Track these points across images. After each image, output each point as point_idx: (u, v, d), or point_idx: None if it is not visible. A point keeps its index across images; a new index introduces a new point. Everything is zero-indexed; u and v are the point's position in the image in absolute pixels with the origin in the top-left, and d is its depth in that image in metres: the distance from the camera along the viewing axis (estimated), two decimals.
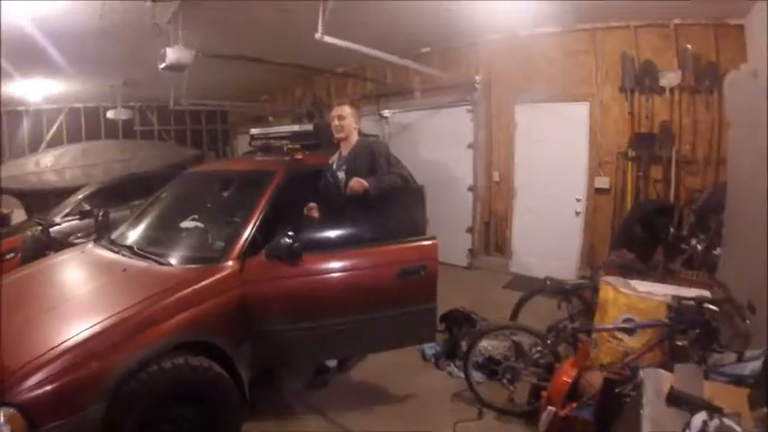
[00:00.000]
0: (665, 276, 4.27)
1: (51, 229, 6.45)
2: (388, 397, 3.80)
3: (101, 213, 4.68)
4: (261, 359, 3.19)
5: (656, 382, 2.05)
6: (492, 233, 7.15)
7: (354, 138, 3.82)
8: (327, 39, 4.44)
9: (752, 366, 2.19)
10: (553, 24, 5.99)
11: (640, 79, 5.52)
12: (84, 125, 11.11)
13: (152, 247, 3.54)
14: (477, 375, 3.73)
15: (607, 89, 5.82)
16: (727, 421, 1.72)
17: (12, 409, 2.19)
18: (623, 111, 5.69)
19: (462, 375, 3.74)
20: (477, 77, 6.90)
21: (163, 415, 2.66)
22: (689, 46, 5.24)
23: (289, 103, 10.22)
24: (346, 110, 3.78)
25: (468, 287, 6.04)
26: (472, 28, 6.11)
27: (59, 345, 2.42)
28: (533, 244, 6.53)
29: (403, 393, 3.80)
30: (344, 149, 3.83)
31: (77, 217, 6.83)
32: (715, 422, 1.72)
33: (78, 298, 3.13)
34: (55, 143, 10.65)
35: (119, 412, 2.45)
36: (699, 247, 4.37)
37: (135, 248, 3.55)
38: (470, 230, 7.29)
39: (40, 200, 9.50)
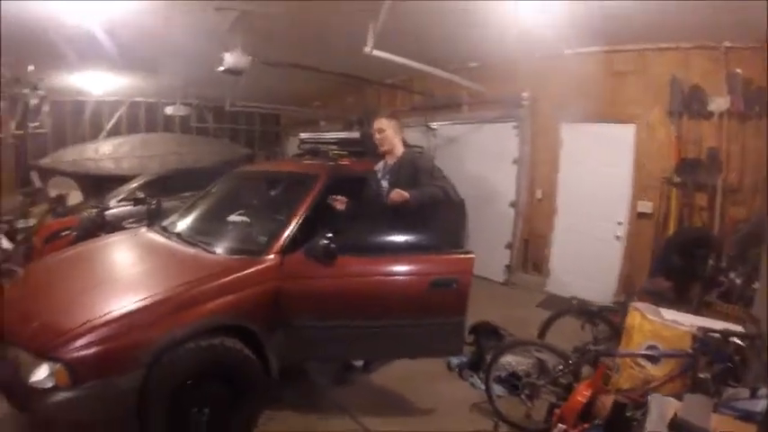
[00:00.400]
0: (700, 308, 4.17)
1: (106, 213, 6.87)
2: (408, 402, 3.89)
3: (154, 202, 5.08)
4: (290, 351, 3.34)
5: (662, 408, 2.10)
6: (531, 250, 7.13)
7: (399, 149, 3.98)
8: (376, 53, 4.64)
9: (763, 404, 2.17)
10: (601, 43, 5.95)
11: (688, 103, 5.40)
12: (143, 118, 11.62)
13: (200, 236, 3.82)
14: (497, 389, 3.77)
15: (654, 112, 5.70)
16: None
17: (58, 365, 2.50)
18: (670, 134, 5.56)
19: (483, 387, 3.77)
20: (524, 94, 6.91)
21: (193, 390, 2.89)
22: (739, 70, 5.09)
23: (340, 110, 10.42)
24: (384, 122, 3.93)
25: (502, 303, 6.03)
26: (520, 45, 6.06)
27: (107, 314, 2.71)
28: (571, 264, 6.46)
29: (423, 400, 3.89)
30: (390, 159, 3.99)
31: (131, 203, 7.14)
32: None
33: (129, 275, 3.48)
34: (114, 134, 11.17)
35: (154, 381, 2.70)
36: (737, 280, 4.26)
37: (184, 236, 3.85)
38: (509, 246, 7.26)
39: (96, 185, 9.99)
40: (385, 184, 3.89)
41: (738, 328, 3.04)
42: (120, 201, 7.49)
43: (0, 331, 2.92)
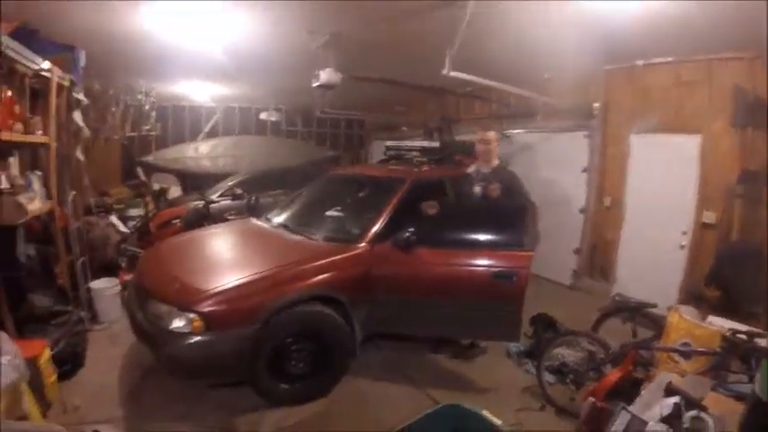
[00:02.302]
0: (748, 318, 4.34)
1: (210, 206, 7.55)
2: (469, 381, 4.46)
3: (253, 197, 5.92)
4: (371, 322, 4.12)
5: (663, 380, 2.50)
6: (598, 256, 7.34)
7: (495, 161, 4.73)
8: (453, 73, 5.13)
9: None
10: (669, 54, 6.05)
11: (753, 114, 5.37)
12: (238, 122, 12.58)
13: (303, 227, 4.71)
14: (548, 377, 4.21)
15: (719, 122, 5.72)
16: (704, 416, 2.16)
17: (195, 315, 3.38)
18: (734, 145, 5.61)
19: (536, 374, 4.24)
20: (596, 105, 7.15)
21: (295, 343, 3.77)
22: None
23: (421, 116, 10.73)
24: (492, 135, 4.81)
25: (567, 305, 6.22)
26: (592, 56, 6.28)
27: (234, 280, 3.60)
28: (637, 271, 6.62)
29: (483, 380, 4.44)
30: (484, 167, 4.76)
31: (229, 198, 8.08)
32: (692, 413, 2.17)
33: (248, 252, 4.46)
34: (212, 136, 12.12)
35: (266, 334, 3.55)
36: None
37: (290, 226, 4.77)
38: (577, 251, 7.53)
39: (195, 180, 11.15)
40: (478, 188, 4.65)
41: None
42: (219, 195, 8.33)
43: (146, 289, 3.86)
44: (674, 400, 2.19)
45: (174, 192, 10.73)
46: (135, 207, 8.80)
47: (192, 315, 3.38)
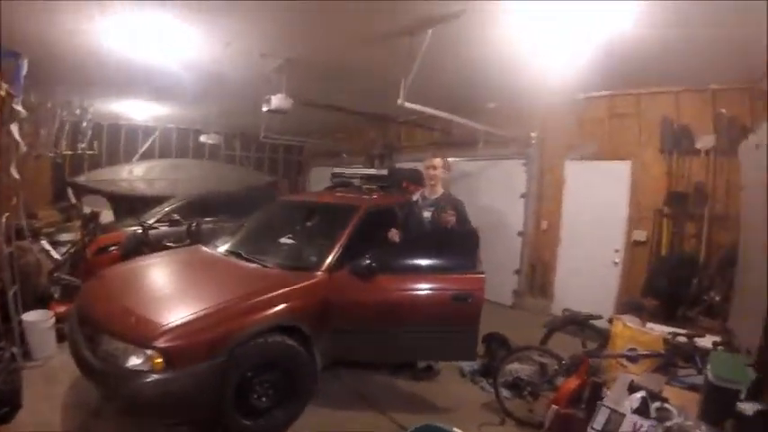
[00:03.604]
0: (684, 323, 4.73)
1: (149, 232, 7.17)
2: (429, 402, 4.50)
3: (194, 223, 5.72)
4: (332, 350, 4.04)
5: (625, 379, 2.69)
6: (537, 276, 7.72)
7: (440, 188, 4.88)
8: (407, 104, 5.28)
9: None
10: (603, 89, 6.65)
11: (678, 141, 6.04)
12: (175, 144, 12.22)
13: (257, 255, 4.55)
14: (505, 392, 4.36)
15: (648, 150, 6.37)
16: (667, 406, 2.36)
17: (155, 352, 3.12)
18: (662, 170, 6.22)
19: (492, 390, 4.39)
20: (534, 134, 7.65)
21: (256, 376, 3.59)
22: (723, 110, 5.70)
23: (362, 143, 11.02)
24: (438, 162, 4.86)
25: (511, 323, 6.33)
26: (532, 89, 6.76)
27: (194, 313, 3.37)
28: (574, 289, 7.03)
29: (442, 400, 4.49)
30: (430, 193, 4.89)
31: (167, 224, 7.63)
32: (656, 404, 2.36)
33: (206, 282, 4.16)
34: (147, 157, 11.71)
35: (229, 368, 3.35)
36: (716, 297, 4.84)
37: (243, 254, 4.60)
38: (517, 272, 7.90)
39: (128, 205, 10.41)
40: (427, 214, 4.77)
41: (702, 335, 3.61)
42: (156, 221, 7.84)
43: (95, 322, 3.58)
44: (641, 394, 2.37)
45: (106, 216, 9.99)
46: (66, 232, 8.04)
47: (150, 351, 3.14)
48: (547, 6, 3.92)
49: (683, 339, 3.45)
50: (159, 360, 3.12)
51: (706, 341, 3.43)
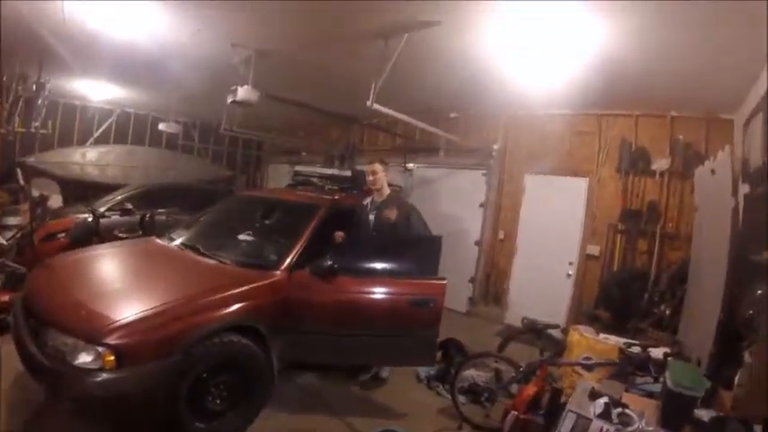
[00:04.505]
0: (635, 334, 4.91)
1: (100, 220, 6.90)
2: (386, 407, 4.46)
3: (147, 214, 5.52)
4: (289, 352, 3.91)
5: (586, 386, 2.75)
6: (492, 285, 7.85)
7: (386, 190, 4.78)
8: (376, 106, 5.23)
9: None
10: (566, 107, 6.85)
11: (635, 162, 6.32)
12: (131, 129, 11.67)
13: (215, 250, 4.36)
14: (461, 398, 4.35)
15: (606, 168, 6.64)
16: (628, 411, 2.43)
17: (106, 349, 2.92)
18: (618, 188, 6.48)
19: (449, 396, 4.40)
20: (495, 146, 7.78)
21: (211, 377, 3.42)
22: (681, 136, 6.03)
23: (323, 143, 10.93)
24: (378, 167, 4.74)
25: (465, 330, 6.41)
26: (496, 101, 6.95)
27: (150, 308, 3.19)
28: (528, 298, 7.16)
29: (399, 405, 4.46)
30: (378, 197, 4.78)
31: (119, 213, 7.30)
32: (618, 410, 2.43)
33: (162, 276, 3.98)
34: (102, 141, 11.15)
35: (184, 368, 3.18)
36: (666, 311, 5.04)
37: (200, 249, 4.39)
38: (472, 280, 7.98)
39: (78, 190, 10.07)
40: (372, 217, 4.68)
41: (654, 345, 3.76)
42: (107, 209, 7.56)
43: (41, 315, 3.34)
44: (604, 400, 2.43)
45: (55, 201, 9.59)
46: (13, 215, 7.62)
47: (102, 348, 2.93)
48: (520, 24, 4.03)
49: (637, 349, 3.57)
50: (111, 358, 2.93)
51: (658, 352, 3.56)
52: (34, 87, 7.76)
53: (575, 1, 3.50)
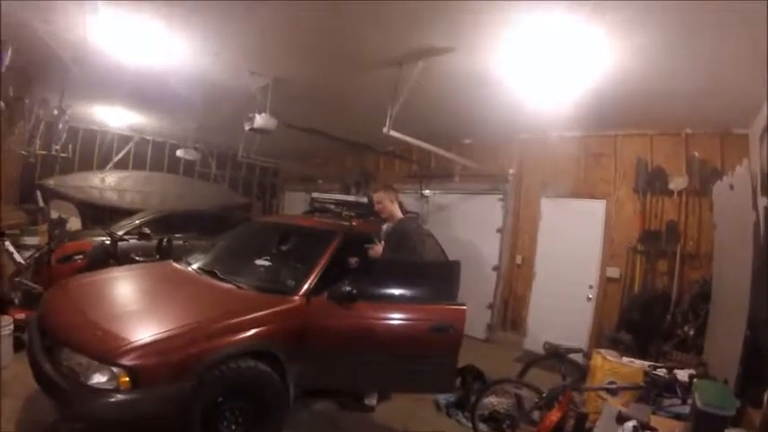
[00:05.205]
0: (659, 357, 4.78)
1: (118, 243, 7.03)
2: None
3: (165, 239, 5.57)
4: (306, 378, 3.85)
5: (612, 410, 2.67)
6: (510, 311, 7.71)
7: (398, 215, 4.75)
8: (393, 133, 5.29)
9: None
10: (580, 129, 6.82)
11: (652, 182, 6.23)
12: (149, 156, 11.84)
13: (232, 275, 4.35)
14: (482, 426, 4.26)
15: (622, 189, 6.54)
16: None
17: (121, 370, 2.91)
18: (636, 209, 6.38)
19: (470, 424, 4.29)
20: (511, 171, 7.77)
21: (226, 402, 3.38)
22: (696, 153, 5.94)
23: (339, 170, 11.00)
24: (380, 195, 4.77)
25: (484, 357, 6.23)
26: (509, 126, 6.97)
27: (167, 330, 3.19)
28: (547, 324, 7.00)
29: None
30: (390, 224, 4.75)
31: (136, 237, 7.43)
32: None
33: (179, 299, 3.96)
34: (121, 166, 11.32)
35: (199, 392, 3.14)
36: (690, 332, 4.91)
37: (217, 273, 4.39)
38: (490, 306, 7.86)
39: (97, 214, 10.33)
40: (382, 243, 4.63)
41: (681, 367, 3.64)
42: (125, 233, 7.69)
43: (56, 334, 3.36)
44: (632, 423, 2.35)
45: (74, 223, 9.79)
46: (31, 235, 7.79)
47: (116, 369, 2.92)
48: (532, 46, 4.05)
49: (662, 372, 3.46)
50: (126, 379, 2.92)
51: (683, 373, 3.45)
52: (55, 112, 7.89)
53: (584, 23, 3.52)
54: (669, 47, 3.75)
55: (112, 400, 2.90)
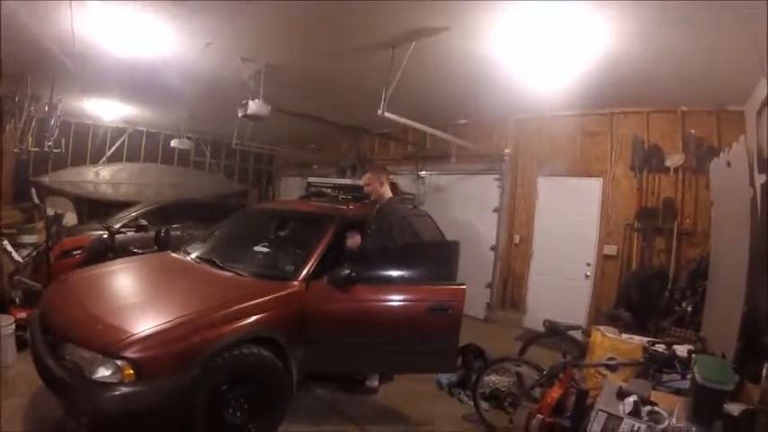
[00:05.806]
0: (657, 333, 4.84)
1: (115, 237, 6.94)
2: (407, 416, 4.39)
3: (163, 230, 5.57)
4: (308, 362, 3.87)
5: (613, 386, 2.72)
6: (509, 290, 7.79)
7: (386, 197, 4.65)
8: (388, 115, 5.22)
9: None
10: (575, 108, 6.81)
11: (648, 159, 6.25)
12: (144, 147, 11.72)
13: (231, 263, 4.35)
14: (484, 404, 4.33)
15: (619, 167, 6.57)
16: (657, 409, 2.39)
17: (125, 363, 2.91)
18: (632, 187, 6.41)
19: (471, 403, 4.35)
20: (507, 150, 7.78)
21: (230, 389, 3.39)
22: (693, 131, 5.95)
23: (334, 154, 10.99)
24: (368, 177, 4.69)
25: (484, 337, 6.27)
26: (505, 106, 6.96)
27: (169, 321, 3.19)
28: (546, 302, 7.11)
29: (420, 414, 4.41)
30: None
31: (134, 229, 7.43)
32: (647, 408, 2.39)
33: (180, 289, 3.95)
34: (115, 159, 11.21)
35: (203, 381, 3.16)
36: (688, 308, 4.97)
37: (216, 261, 4.39)
38: (489, 286, 7.93)
39: (92, 208, 10.27)
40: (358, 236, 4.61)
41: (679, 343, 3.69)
42: (122, 226, 7.62)
43: (58, 330, 3.36)
44: (633, 398, 2.40)
45: (70, 219, 9.64)
46: (28, 233, 7.70)
47: (120, 362, 2.92)
48: (527, 26, 4.03)
49: (661, 347, 3.51)
50: (130, 371, 2.92)
51: (682, 349, 3.50)
52: (46, 108, 7.78)
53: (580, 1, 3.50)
54: (662, 24, 3.73)
55: (117, 393, 2.89)
